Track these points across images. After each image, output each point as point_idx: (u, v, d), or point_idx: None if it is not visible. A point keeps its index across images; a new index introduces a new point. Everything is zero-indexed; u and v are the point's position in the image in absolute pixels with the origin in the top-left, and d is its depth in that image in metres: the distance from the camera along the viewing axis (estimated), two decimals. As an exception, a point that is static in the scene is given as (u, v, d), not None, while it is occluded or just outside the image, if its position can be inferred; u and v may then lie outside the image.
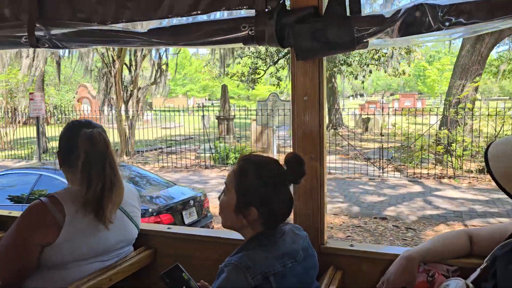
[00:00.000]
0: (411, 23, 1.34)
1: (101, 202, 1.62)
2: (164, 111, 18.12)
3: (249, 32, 1.49)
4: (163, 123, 20.34)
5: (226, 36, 1.54)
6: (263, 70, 22.09)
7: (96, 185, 1.61)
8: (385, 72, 20.58)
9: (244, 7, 1.52)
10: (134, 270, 1.83)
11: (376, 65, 19.71)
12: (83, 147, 1.62)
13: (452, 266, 1.51)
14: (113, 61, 15.40)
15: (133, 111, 16.03)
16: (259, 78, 22.53)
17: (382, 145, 13.04)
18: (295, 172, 1.35)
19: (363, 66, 19.84)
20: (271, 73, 22.37)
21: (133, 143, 16.26)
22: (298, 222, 1.69)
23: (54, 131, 18.78)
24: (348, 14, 1.42)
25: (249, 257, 1.26)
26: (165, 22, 1.71)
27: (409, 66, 22.22)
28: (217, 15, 1.69)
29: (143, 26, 1.74)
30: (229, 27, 1.53)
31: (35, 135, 16.96)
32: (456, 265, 1.51)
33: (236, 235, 1.78)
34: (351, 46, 1.42)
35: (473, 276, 1.36)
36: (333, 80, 23.02)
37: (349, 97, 59.79)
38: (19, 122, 18.69)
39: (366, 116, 21.78)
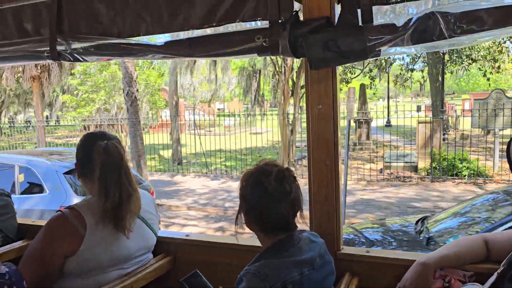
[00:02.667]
0: (423, 31, 1.36)
1: (119, 211, 1.66)
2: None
3: (263, 43, 1.52)
4: (240, 128, 18.30)
5: (241, 47, 1.57)
6: (359, 69, 20.89)
7: (114, 195, 1.66)
8: (492, 68, 18.98)
9: (258, 18, 1.55)
10: (154, 277, 1.86)
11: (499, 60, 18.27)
12: (99, 159, 1.68)
13: (469, 271, 1.51)
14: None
15: (295, 113, 14.03)
16: (354, 78, 21.52)
17: None
18: (276, 187, 1.36)
19: (490, 61, 18.40)
20: (364, 71, 21.14)
21: (294, 150, 14.31)
22: (314, 228, 1.71)
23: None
24: (360, 23, 1.45)
25: (267, 266, 1.28)
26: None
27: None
28: (232, 27, 1.72)
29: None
30: (244, 38, 1.56)
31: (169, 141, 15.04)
32: (472, 271, 1.51)
33: (254, 242, 1.81)
34: (364, 55, 1.45)
35: (490, 281, 1.36)
36: (439, 78, 20.76)
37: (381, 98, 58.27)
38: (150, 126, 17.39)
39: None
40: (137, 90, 9.09)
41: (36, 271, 1.61)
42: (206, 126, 20.84)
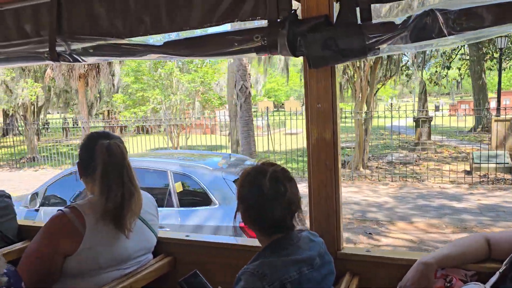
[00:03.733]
0: (422, 29, 1.35)
1: (120, 211, 1.66)
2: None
3: (262, 42, 1.52)
4: (270, 129, 17.06)
5: (240, 47, 1.57)
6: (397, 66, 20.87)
7: (115, 195, 1.65)
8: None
9: (257, 18, 1.55)
10: (153, 277, 1.86)
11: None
12: (101, 158, 1.67)
13: (470, 270, 1.50)
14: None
15: (367, 112, 12.69)
16: (392, 75, 21.38)
17: None
18: (271, 187, 1.35)
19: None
20: (402, 69, 20.87)
21: (367, 152, 12.97)
22: (314, 228, 1.70)
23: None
24: (359, 21, 1.44)
25: (266, 265, 1.27)
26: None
27: None
28: (230, 26, 1.73)
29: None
30: (243, 38, 1.56)
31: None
32: (474, 270, 1.50)
33: (253, 242, 1.80)
34: (363, 53, 1.44)
35: (492, 280, 1.34)
36: (482, 75, 19.85)
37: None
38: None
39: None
40: (251, 85, 7.86)
41: (36, 270, 1.60)
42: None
